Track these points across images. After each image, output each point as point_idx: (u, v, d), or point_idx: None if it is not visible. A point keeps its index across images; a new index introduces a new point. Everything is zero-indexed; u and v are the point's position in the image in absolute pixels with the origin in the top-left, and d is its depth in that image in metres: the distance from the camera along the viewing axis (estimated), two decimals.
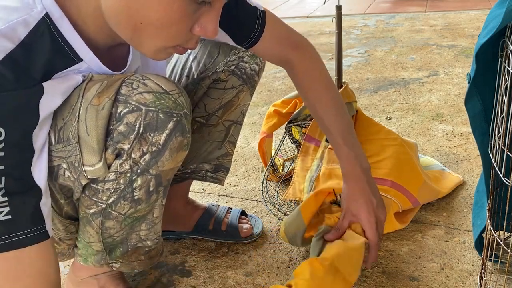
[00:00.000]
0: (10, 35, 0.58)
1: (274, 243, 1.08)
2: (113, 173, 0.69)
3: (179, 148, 0.70)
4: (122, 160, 0.68)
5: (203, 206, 1.14)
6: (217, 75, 0.99)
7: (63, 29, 0.63)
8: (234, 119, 1.03)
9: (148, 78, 0.67)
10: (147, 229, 0.79)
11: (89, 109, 0.64)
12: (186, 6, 0.61)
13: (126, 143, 0.66)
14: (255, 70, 1.01)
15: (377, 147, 1.14)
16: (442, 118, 1.64)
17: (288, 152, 1.37)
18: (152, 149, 0.68)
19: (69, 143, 0.65)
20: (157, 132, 0.66)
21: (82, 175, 0.68)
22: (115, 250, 0.80)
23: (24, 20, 0.60)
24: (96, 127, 0.64)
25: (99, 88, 0.65)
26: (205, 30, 0.65)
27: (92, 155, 0.66)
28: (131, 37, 0.65)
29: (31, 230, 0.60)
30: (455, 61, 2.23)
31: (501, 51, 0.71)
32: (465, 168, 1.32)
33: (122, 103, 0.65)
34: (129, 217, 0.75)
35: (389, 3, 3.68)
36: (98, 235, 0.77)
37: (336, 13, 1.12)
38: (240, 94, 1.01)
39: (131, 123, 0.65)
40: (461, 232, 1.06)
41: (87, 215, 0.75)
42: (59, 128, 0.65)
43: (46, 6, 0.62)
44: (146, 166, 0.69)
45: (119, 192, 0.71)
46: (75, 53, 0.64)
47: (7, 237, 0.58)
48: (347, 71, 2.22)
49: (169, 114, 0.66)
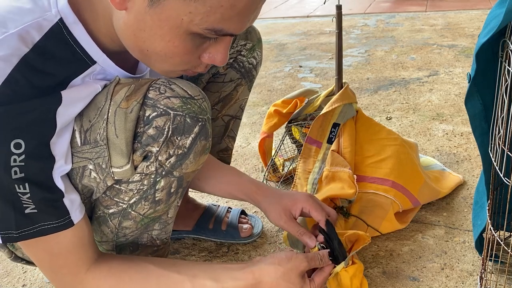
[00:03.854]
0: (24, 38, 0.59)
1: (274, 243, 1.08)
2: (138, 175, 0.70)
3: (202, 151, 0.71)
4: (149, 162, 0.69)
5: (203, 205, 1.15)
6: (216, 68, 1.00)
7: (76, 34, 0.63)
8: (233, 114, 1.05)
9: (174, 83, 0.68)
10: (159, 229, 0.80)
11: (118, 112, 0.65)
12: (189, 41, 0.61)
13: (155, 146, 0.67)
14: (253, 64, 1.02)
15: (378, 147, 1.14)
16: (442, 118, 1.64)
17: (288, 152, 1.37)
18: (178, 152, 0.69)
19: (96, 144, 0.66)
20: (183, 136, 0.68)
21: (109, 176, 0.69)
22: (125, 249, 0.81)
23: (38, 23, 0.60)
24: (125, 129, 0.65)
25: (127, 92, 0.66)
26: (213, 60, 0.66)
27: (121, 157, 0.66)
28: (141, 58, 0.67)
29: (55, 221, 0.65)
30: (455, 60, 2.23)
31: (501, 50, 0.71)
32: (465, 168, 1.32)
33: (150, 106, 0.66)
34: (146, 217, 0.76)
35: (389, 3, 3.68)
36: (113, 234, 0.78)
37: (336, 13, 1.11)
38: (238, 88, 1.02)
39: (160, 127, 0.66)
40: (461, 232, 1.06)
41: (105, 214, 0.76)
42: (85, 130, 0.66)
43: (60, 10, 0.62)
44: (171, 168, 0.70)
45: (142, 193, 0.72)
46: (88, 56, 0.65)
47: (36, 226, 0.64)
48: (347, 71, 2.22)
49: (195, 118, 0.68)
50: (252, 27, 1.02)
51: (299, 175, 1.19)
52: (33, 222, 0.63)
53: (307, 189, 1.16)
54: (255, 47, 1.02)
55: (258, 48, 1.03)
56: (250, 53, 1.01)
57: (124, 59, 0.73)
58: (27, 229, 0.63)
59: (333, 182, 1.09)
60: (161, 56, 0.63)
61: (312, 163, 1.18)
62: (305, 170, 1.19)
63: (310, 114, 1.23)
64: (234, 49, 1.00)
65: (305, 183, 1.17)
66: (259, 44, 1.03)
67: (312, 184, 1.15)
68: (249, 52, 1.01)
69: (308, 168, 1.18)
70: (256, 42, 1.02)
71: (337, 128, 1.15)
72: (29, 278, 1.04)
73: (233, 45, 0.99)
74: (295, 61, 2.47)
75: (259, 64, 1.05)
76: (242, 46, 1.00)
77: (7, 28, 0.58)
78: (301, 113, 1.25)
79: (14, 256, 0.82)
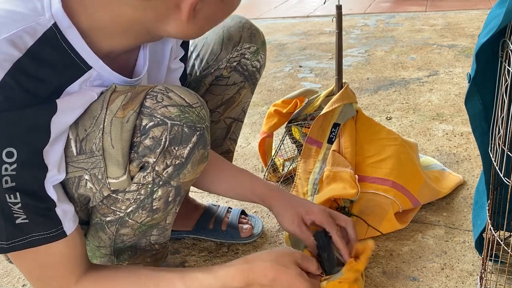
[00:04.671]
0: (17, 43, 0.57)
1: (274, 243, 1.08)
2: (135, 184, 0.69)
3: (200, 160, 0.70)
4: (146, 172, 0.68)
5: (203, 205, 1.15)
6: (220, 71, 0.99)
7: (71, 38, 0.61)
8: (235, 117, 1.04)
9: (171, 90, 0.67)
10: (158, 234, 0.80)
11: (114, 122, 0.64)
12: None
13: (152, 157, 0.66)
14: (256, 67, 1.02)
15: (378, 147, 1.14)
16: (442, 118, 1.64)
17: (288, 152, 1.37)
18: (175, 162, 0.68)
19: (92, 155, 0.65)
20: (181, 146, 0.67)
21: (105, 187, 0.68)
22: (123, 253, 0.80)
23: (31, 27, 0.58)
24: (121, 140, 0.64)
25: (124, 100, 0.65)
26: None
27: (117, 168, 0.65)
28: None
29: (47, 232, 0.64)
30: (455, 60, 2.22)
31: (501, 50, 0.71)
32: (465, 168, 1.32)
33: (147, 116, 0.65)
34: (144, 225, 0.76)
35: (389, 3, 3.68)
36: (111, 241, 0.78)
37: (336, 13, 1.11)
38: (241, 91, 1.02)
39: (157, 137, 0.65)
40: (461, 232, 1.06)
41: (102, 222, 0.75)
42: (81, 139, 0.65)
43: (54, 14, 0.60)
44: (168, 178, 0.69)
45: (139, 202, 0.72)
46: (83, 61, 0.63)
47: (27, 237, 0.62)
48: (347, 71, 2.22)
49: (193, 128, 0.67)
50: (257, 29, 1.01)
51: (300, 175, 1.19)
52: (24, 232, 0.62)
53: (308, 189, 1.15)
54: (259, 50, 1.01)
55: (262, 51, 1.02)
56: (254, 56, 1.00)
57: (121, 63, 0.71)
58: (18, 239, 0.62)
59: (335, 182, 1.09)
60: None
61: (313, 163, 1.18)
62: (305, 170, 1.19)
63: (310, 114, 1.23)
64: (238, 52, 0.99)
65: (306, 183, 1.17)
66: (263, 47, 1.02)
67: (313, 184, 1.15)
68: (253, 55, 1.00)
69: (308, 168, 1.18)
70: (260, 45, 1.01)
71: (338, 128, 1.15)
72: None
73: (237, 48, 0.98)
74: (295, 61, 2.47)
75: (263, 67, 1.04)
76: (246, 49, 0.99)
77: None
78: (301, 113, 1.25)
79: None
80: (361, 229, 1.06)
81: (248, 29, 0.99)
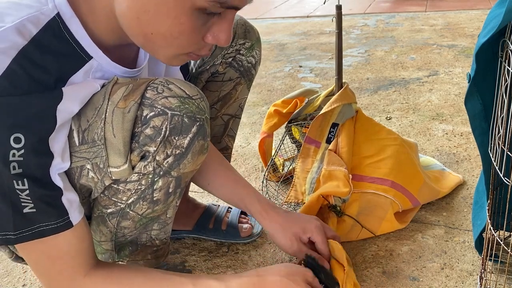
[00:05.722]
0: (21, 31, 0.58)
1: (274, 243, 1.08)
2: (136, 174, 0.70)
3: (200, 151, 0.71)
4: (147, 162, 0.69)
5: (203, 205, 1.15)
6: (215, 67, 1.00)
7: (73, 28, 0.63)
8: (233, 113, 1.05)
9: (172, 83, 0.68)
10: (158, 229, 0.80)
11: (116, 112, 0.65)
12: (195, 18, 0.61)
13: (152, 146, 0.67)
14: (251, 63, 1.03)
15: (377, 147, 1.14)
16: (442, 118, 1.64)
17: (288, 152, 1.37)
18: (175, 152, 0.69)
19: (94, 144, 0.66)
20: (181, 136, 0.68)
21: (107, 176, 0.68)
22: (124, 249, 0.81)
23: (35, 16, 0.60)
24: (122, 129, 0.65)
25: (125, 91, 0.66)
26: (218, 39, 0.66)
27: (118, 157, 0.66)
28: (144, 45, 0.66)
29: (54, 222, 0.64)
30: (455, 60, 2.23)
31: (501, 50, 0.71)
32: (465, 168, 1.32)
33: (148, 106, 0.66)
34: (145, 217, 0.76)
35: (389, 3, 3.68)
36: (112, 234, 0.78)
37: (336, 13, 1.11)
38: (237, 87, 1.03)
39: (158, 127, 0.66)
40: (461, 232, 1.06)
41: (103, 214, 0.76)
42: (83, 129, 0.66)
43: (57, 5, 0.62)
44: (169, 168, 0.70)
45: (140, 193, 0.72)
46: (84, 51, 0.65)
47: (34, 227, 0.63)
48: (347, 71, 2.22)
49: (193, 118, 0.68)
50: (251, 26, 1.02)
51: (298, 175, 1.19)
52: (31, 222, 0.63)
53: (305, 188, 1.16)
54: (254, 46, 1.02)
55: (257, 47, 1.03)
56: (249, 52, 1.01)
57: (123, 54, 0.72)
58: (25, 230, 0.63)
59: (330, 180, 1.09)
60: (166, 38, 0.62)
61: (311, 163, 1.18)
62: (303, 170, 1.19)
63: (310, 114, 1.24)
64: (233, 48, 1.00)
65: (304, 182, 1.17)
66: (258, 43, 1.03)
67: (310, 183, 1.15)
68: (248, 51, 1.01)
69: (306, 168, 1.18)
70: (255, 41, 1.02)
71: (336, 128, 1.16)
72: (29, 278, 1.05)
73: (232, 44, 0.99)
74: (295, 61, 2.47)
75: (258, 63, 1.05)
76: (241, 45, 1.00)
77: (4, 22, 0.58)
78: (301, 113, 1.25)
79: (15, 256, 0.82)
80: (355, 231, 1.06)
81: (242, 25, 1.00)
